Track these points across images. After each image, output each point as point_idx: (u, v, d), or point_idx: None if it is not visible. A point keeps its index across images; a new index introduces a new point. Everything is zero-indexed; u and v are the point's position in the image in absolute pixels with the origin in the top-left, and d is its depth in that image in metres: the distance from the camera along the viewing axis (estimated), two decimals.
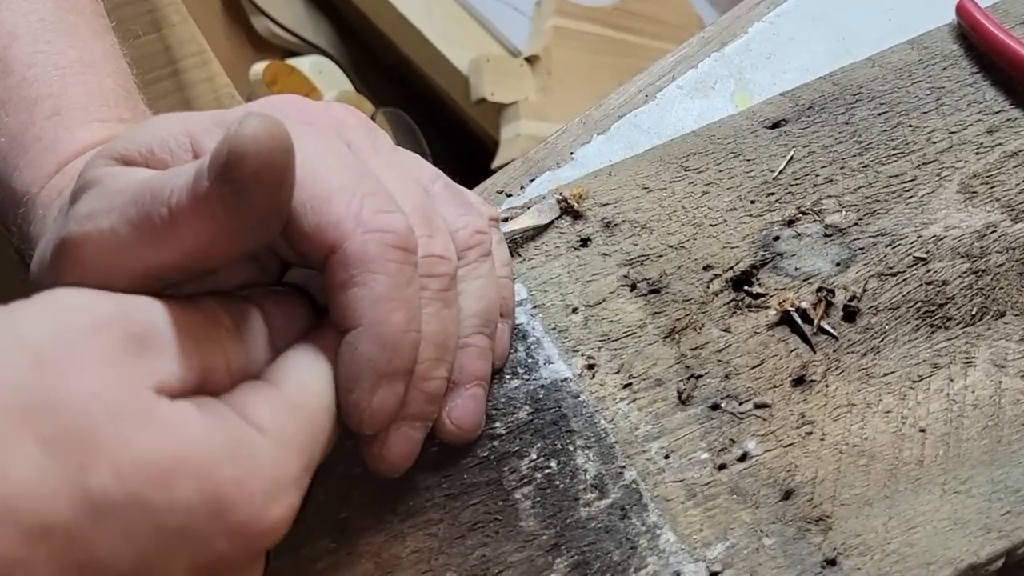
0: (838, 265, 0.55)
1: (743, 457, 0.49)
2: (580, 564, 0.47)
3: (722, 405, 0.51)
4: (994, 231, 0.55)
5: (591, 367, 0.52)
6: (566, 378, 0.52)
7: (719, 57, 0.65)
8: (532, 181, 0.59)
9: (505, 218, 0.55)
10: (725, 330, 0.53)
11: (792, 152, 0.59)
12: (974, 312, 0.53)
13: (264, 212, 0.38)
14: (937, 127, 0.59)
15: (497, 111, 1.36)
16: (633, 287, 0.55)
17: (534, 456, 0.49)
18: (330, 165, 0.42)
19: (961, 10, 0.63)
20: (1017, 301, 0.53)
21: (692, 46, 0.66)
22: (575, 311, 0.54)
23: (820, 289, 0.54)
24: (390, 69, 1.45)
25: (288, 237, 0.42)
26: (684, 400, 0.51)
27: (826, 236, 0.56)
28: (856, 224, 0.56)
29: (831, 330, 0.53)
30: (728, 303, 0.54)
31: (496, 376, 0.52)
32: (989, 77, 0.61)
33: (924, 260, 0.55)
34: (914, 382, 0.51)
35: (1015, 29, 0.63)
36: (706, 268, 0.55)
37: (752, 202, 0.57)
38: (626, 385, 0.52)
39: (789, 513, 0.48)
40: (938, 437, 0.49)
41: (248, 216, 0.38)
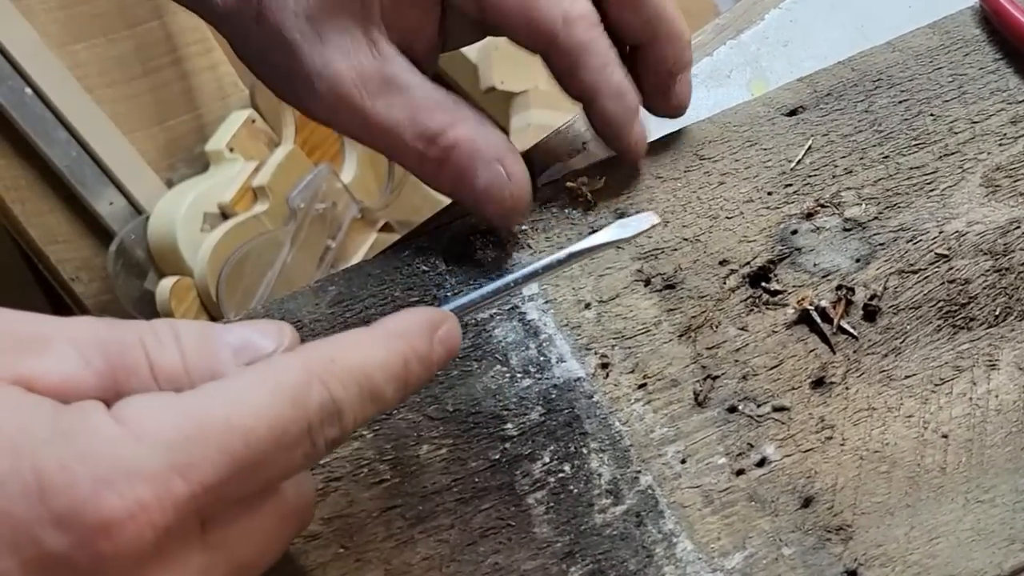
0: (858, 261, 0.53)
1: (761, 462, 0.48)
2: (595, 573, 0.45)
3: (739, 407, 0.49)
4: (1018, 227, 0.54)
5: (605, 366, 0.51)
6: (579, 377, 0.50)
7: (735, 45, 0.63)
8: (543, 172, 0.57)
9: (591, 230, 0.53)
10: (742, 328, 0.52)
11: (810, 141, 0.57)
12: (997, 312, 0.52)
13: None
14: (959, 116, 0.58)
15: (506, 100, 1.32)
16: (647, 282, 0.53)
17: (547, 459, 0.48)
18: None
19: None
20: None
21: (707, 34, 0.65)
22: (588, 307, 0.52)
23: (840, 287, 0.52)
24: None
25: (504, 29, 0.53)
26: (701, 402, 0.50)
27: (845, 230, 0.54)
28: (876, 218, 0.55)
29: (851, 330, 0.51)
30: (745, 300, 0.52)
31: (507, 375, 0.50)
32: (1013, 64, 0.59)
33: (946, 257, 0.53)
34: (936, 385, 0.50)
35: None
36: (722, 263, 0.53)
37: (769, 193, 0.56)
38: (641, 385, 0.50)
39: (809, 521, 0.47)
40: (961, 443, 0.48)
41: None
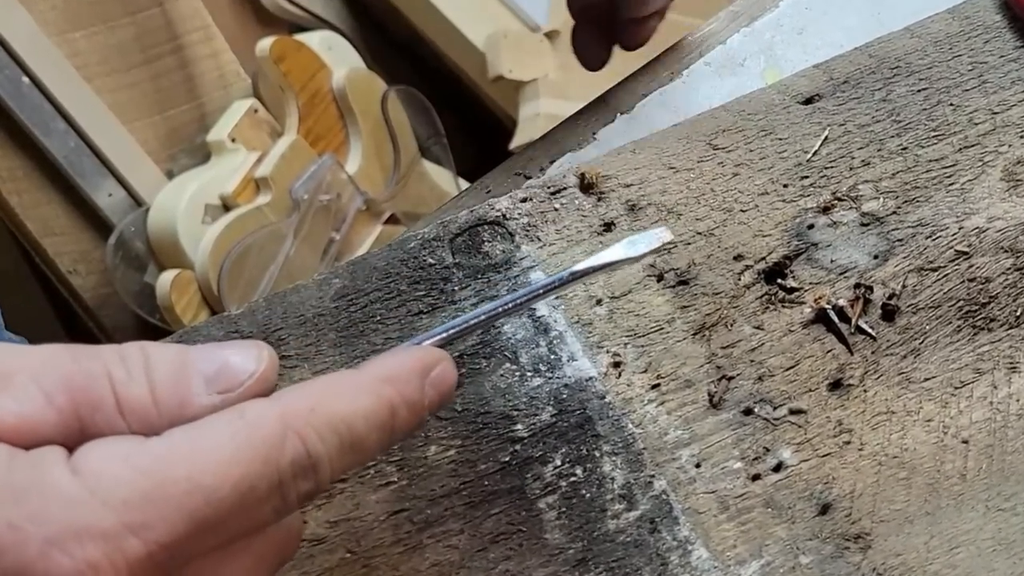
0: (876, 258, 0.52)
1: (778, 467, 0.47)
2: None
3: (755, 410, 0.48)
4: None
5: (617, 365, 0.49)
6: (591, 376, 0.49)
7: (749, 32, 0.62)
8: (552, 163, 0.55)
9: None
10: (758, 327, 0.50)
11: (827, 131, 0.55)
12: (1019, 313, 0.50)
13: None
14: (979, 106, 0.56)
15: (515, 89, 1.30)
16: (660, 278, 0.52)
17: (558, 462, 0.47)
18: None
19: None
20: None
21: (720, 21, 0.63)
22: (599, 303, 0.51)
23: (858, 285, 0.51)
24: (403, 45, 1.38)
25: None
26: (715, 403, 0.48)
27: (863, 225, 0.53)
28: (894, 213, 0.53)
29: (869, 330, 0.50)
30: (760, 297, 0.51)
31: (517, 374, 0.49)
32: None
33: (966, 254, 0.52)
34: (956, 388, 0.49)
35: None
36: (737, 258, 0.52)
37: (785, 186, 0.54)
38: (654, 386, 0.49)
39: (826, 529, 0.46)
40: (981, 449, 0.47)
41: None
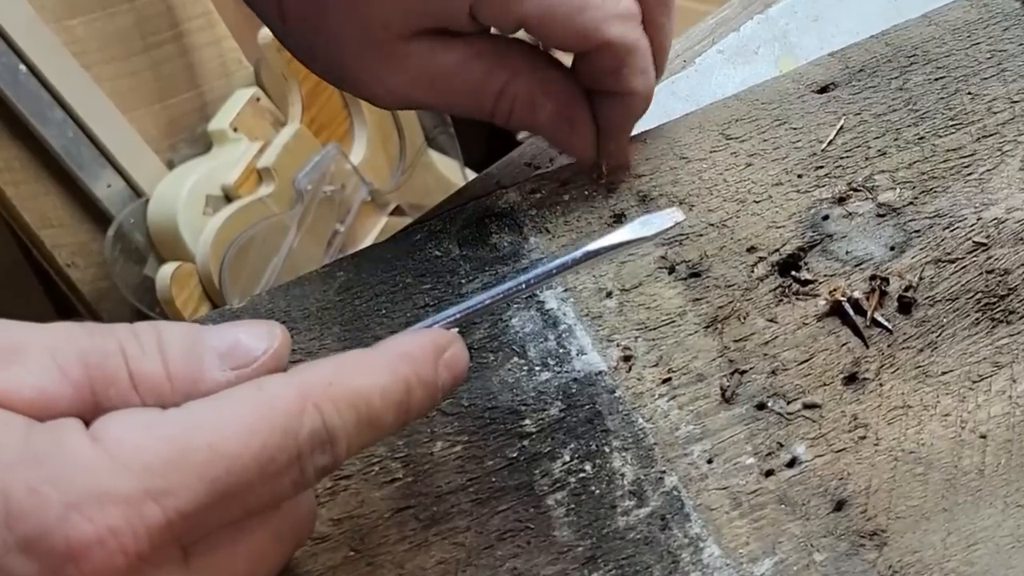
0: (892, 249, 0.51)
1: (792, 463, 0.46)
2: None
3: (768, 404, 0.47)
4: None
5: (627, 359, 0.48)
6: (601, 371, 0.48)
7: (762, 19, 0.61)
8: (562, 153, 0.54)
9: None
10: (771, 320, 0.49)
11: (842, 121, 0.54)
12: None
13: None
14: (998, 95, 0.55)
15: None
16: (672, 270, 0.51)
17: (567, 458, 0.46)
18: None
19: None
20: None
21: (733, 7, 0.62)
22: (609, 295, 0.50)
23: (874, 277, 0.50)
24: None
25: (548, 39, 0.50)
26: (728, 398, 0.47)
27: (879, 216, 0.52)
28: (911, 203, 0.52)
29: (885, 323, 0.49)
30: (774, 290, 0.50)
31: (525, 368, 0.48)
32: None
33: (984, 246, 0.51)
34: (974, 382, 0.48)
35: None
36: (750, 250, 0.51)
37: (799, 176, 0.53)
38: (665, 380, 0.48)
39: (841, 526, 0.44)
40: (1000, 444, 0.46)
41: None
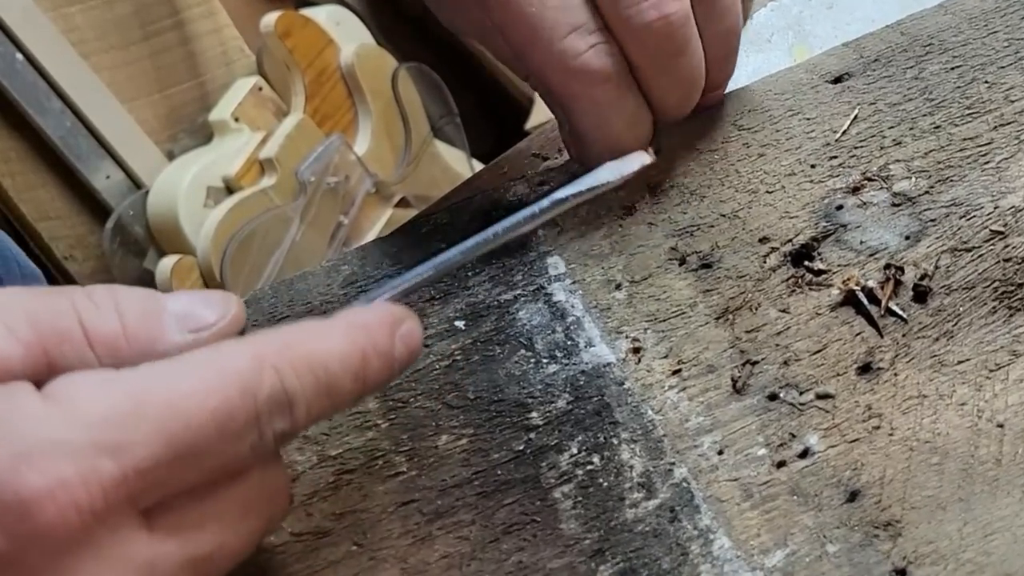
0: (907, 239, 0.50)
1: (804, 453, 0.45)
2: (626, 572, 0.43)
3: (781, 395, 0.46)
4: None
5: (636, 351, 0.48)
6: (609, 363, 0.47)
7: (776, 7, 0.60)
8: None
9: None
10: (783, 311, 0.48)
11: (857, 110, 0.54)
12: None
13: None
14: (1016, 84, 0.54)
15: None
16: (682, 261, 0.50)
17: (575, 450, 0.45)
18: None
19: None
20: None
21: None
22: (618, 287, 0.50)
23: (888, 266, 0.49)
24: (414, 20, 1.37)
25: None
26: (739, 389, 0.47)
27: (894, 206, 0.51)
28: (927, 192, 0.51)
29: (900, 312, 0.48)
30: (787, 280, 0.49)
31: (532, 360, 0.48)
32: None
33: (1002, 234, 0.50)
34: (991, 371, 0.46)
35: None
36: (762, 240, 0.50)
37: (813, 166, 0.52)
38: (675, 371, 0.47)
39: (855, 517, 0.43)
40: (1017, 433, 0.45)
41: None
